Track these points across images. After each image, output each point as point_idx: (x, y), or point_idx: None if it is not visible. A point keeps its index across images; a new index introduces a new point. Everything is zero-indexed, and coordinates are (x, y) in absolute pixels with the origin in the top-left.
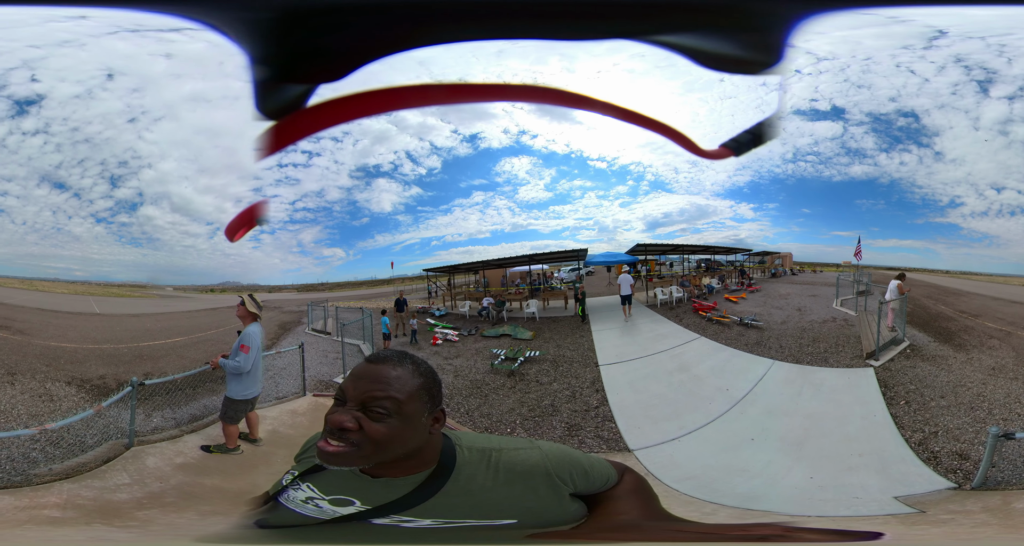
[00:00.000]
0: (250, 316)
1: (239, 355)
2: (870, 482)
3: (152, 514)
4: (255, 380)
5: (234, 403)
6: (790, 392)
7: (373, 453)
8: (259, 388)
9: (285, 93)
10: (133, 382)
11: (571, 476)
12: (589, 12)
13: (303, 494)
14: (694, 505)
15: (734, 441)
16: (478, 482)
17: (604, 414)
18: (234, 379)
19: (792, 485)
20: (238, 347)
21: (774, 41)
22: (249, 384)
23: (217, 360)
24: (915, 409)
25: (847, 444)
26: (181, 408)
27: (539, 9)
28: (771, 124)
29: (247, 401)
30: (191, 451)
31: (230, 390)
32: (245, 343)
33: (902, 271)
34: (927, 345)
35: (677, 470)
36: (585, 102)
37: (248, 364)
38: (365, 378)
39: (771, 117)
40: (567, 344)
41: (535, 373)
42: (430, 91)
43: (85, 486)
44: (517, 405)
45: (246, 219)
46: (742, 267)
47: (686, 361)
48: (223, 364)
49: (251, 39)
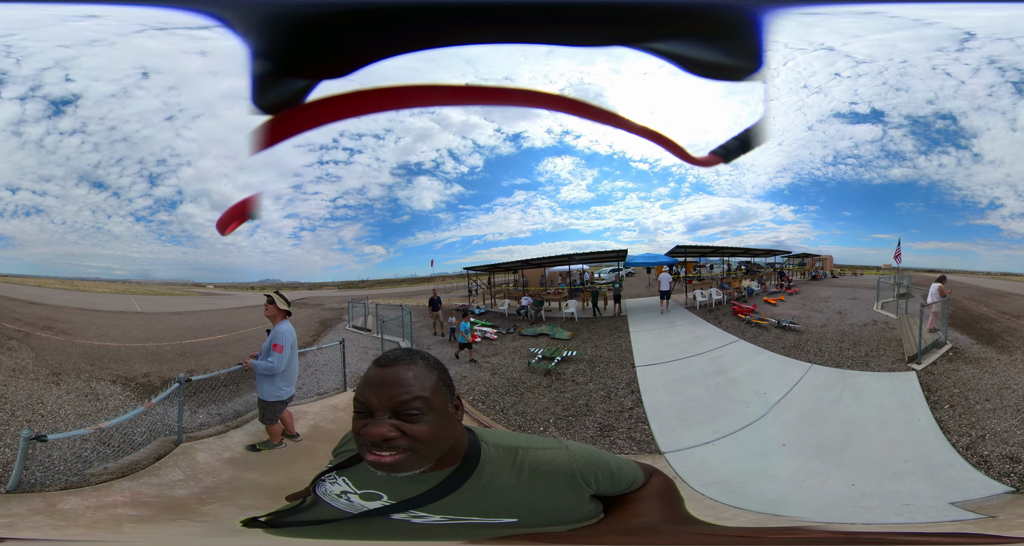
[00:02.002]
0: (280, 314)
1: (272, 355)
2: (919, 488)
3: (214, 508)
4: (289, 380)
5: (269, 405)
6: (829, 397)
7: (430, 452)
8: (293, 388)
9: (284, 88)
10: (180, 378)
11: (596, 477)
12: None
13: (339, 488)
14: (716, 509)
15: (767, 446)
16: (501, 480)
17: (638, 416)
18: (266, 380)
19: (831, 492)
20: (269, 346)
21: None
22: (283, 385)
23: (248, 361)
24: (960, 413)
25: (891, 450)
26: (225, 404)
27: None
28: (759, 130)
29: (282, 402)
30: (237, 446)
31: (262, 392)
32: (278, 342)
33: (943, 273)
34: (970, 347)
35: (707, 474)
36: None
37: (282, 364)
38: (386, 385)
39: (759, 123)
40: (605, 345)
41: (571, 373)
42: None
43: (144, 484)
44: (551, 404)
45: (238, 212)
46: (781, 269)
47: (724, 364)
48: (254, 365)
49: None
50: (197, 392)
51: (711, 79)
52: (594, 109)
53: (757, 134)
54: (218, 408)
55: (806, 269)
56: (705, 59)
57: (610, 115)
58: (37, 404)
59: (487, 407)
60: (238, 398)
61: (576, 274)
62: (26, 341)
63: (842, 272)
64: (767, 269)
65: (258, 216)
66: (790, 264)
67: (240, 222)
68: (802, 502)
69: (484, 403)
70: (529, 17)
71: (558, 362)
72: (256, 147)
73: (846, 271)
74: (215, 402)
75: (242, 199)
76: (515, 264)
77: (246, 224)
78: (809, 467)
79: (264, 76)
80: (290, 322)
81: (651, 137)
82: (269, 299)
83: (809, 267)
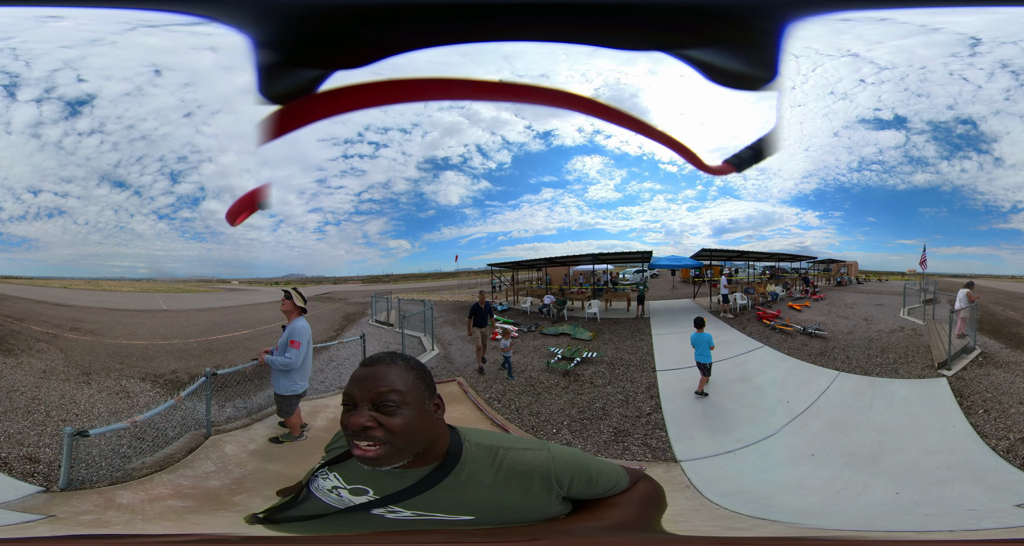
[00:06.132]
0: (296, 310)
1: (289, 351)
2: (974, 493)
3: (243, 499)
4: (304, 376)
5: (286, 399)
6: (859, 405)
7: (405, 445)
8: (307, 383)
9: (295, 78)
10: (207, 373)
11: (572, 480)
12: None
13: (330, 483)
14: (730, 519)
15: (793, 456)
16: (478, 478)
17: (656, 421)
18: (282, 375)
19: (875, 501)
20: (286, 342)
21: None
22: (298, 379)
23: (263, 356)
24: (995, 417)
25: (929, 457)
26: (250, 397)
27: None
28: (772, 140)
29: (297, 396)
30: (260, 439)
31: (278, 386)
32: (295, 338)
33: (970, 279)
34: (999, 352)
35: (727, 484)
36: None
37: (299, 360)
38: (367, 379)
39: (771, 133)
40: (626, 347)
41: (590, 375)
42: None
43: (182, 476)
44: (567, 406)
45: (247, 203)
46: (805, 275)
47: (748, 371)
48: (270, 361)
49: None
50: (223, 387)
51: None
52: (611, 110)
53: (769, 144)
54: (244, 402)
55: (831, 275)
56: (725, 67)
57: (627, 118)
58: (70, 404)
59: (502, 406)
60: (261, 392)
61: (599, 274)
62: (55, 343)
63: (867, 278)
64: (791, 274)
65: (268, 206)
66: (815, 270)
67: (250, 212)
68: (842, 512)
69: (500, 402)
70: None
71: (577, 363)
72: (266, 137)
73: (871, 277)
74: (241, 396)
75: (251, 189)
76: (539, 261)
77: (256, 215)
78: (843, 477)
79: (271, 66)
80: (305, 319)
81: (667, 143)
82: (287, 294)
83: (834, 273)
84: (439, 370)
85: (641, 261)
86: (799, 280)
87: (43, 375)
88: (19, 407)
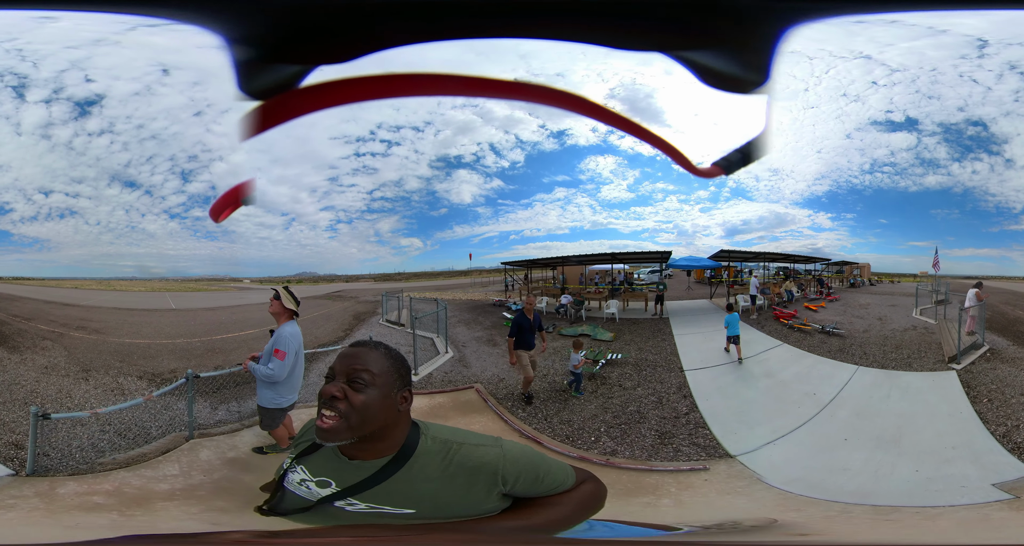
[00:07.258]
0: (286, 313)
1: (273, 361)
2: (968, 472)
3: (169, 506)
4: (292, 388)
5: (268, 412)
6: (879, 395)
7: (357, 422)
8: (296, 395)
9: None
10: (188, 374)
11: (518, 478)
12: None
13: (298, 476)
14: (820, 506)
15: (828, 442)
16: (427, 472)
17: (695, 420)
18: (265, 386)
19: (903, 479)
20: (271, 351)
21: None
22: (284, 392)
23: (247, 363)
24: (997, 406)
25: (940, 439)
26: (245, 401)
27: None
28: (760, 143)
29: (282, 409)
30: (244, 446)
31: (261, 398)
32: (279, 347)
33: (979, 280)
34: (1006, 349)
35: (783, 472)
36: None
37: (283, 372)
38: (348, 356)
39: (760, 136)
40: (648, 347)
41: (617, 377)
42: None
43: (137, 475)
44: (600, 411)
45: (231, 199)
46: (819, 276)
47: (771, 367)
48: (253, 369)
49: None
50: (219, 389)
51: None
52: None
53: (758, 147)
54: (238, 406)
55: (844, 276)
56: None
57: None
58: (66, 398)
59: (527, 415)
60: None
61: (615, 273)
62: (59, 341)
63: (879, 279)
64: (805, 276)
65: (252, 202)
66: (828, 271)
67: (233, 209)
68: (887, 490)
69: (524, 411)
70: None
71: (602, 365)
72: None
73: (883, 279)
74: (236, 399)
75: (235, 185)
76: (553, 260)
77: (240, 211)
78: (875, 458)
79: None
80: (296, 323)
81: (659, 146)
82: (275, 294)
83: (847, 275)
84: (453, 375)
85: (660, 261)
86: (814, 281)
87: (44, 371)
88: (17, 399)
